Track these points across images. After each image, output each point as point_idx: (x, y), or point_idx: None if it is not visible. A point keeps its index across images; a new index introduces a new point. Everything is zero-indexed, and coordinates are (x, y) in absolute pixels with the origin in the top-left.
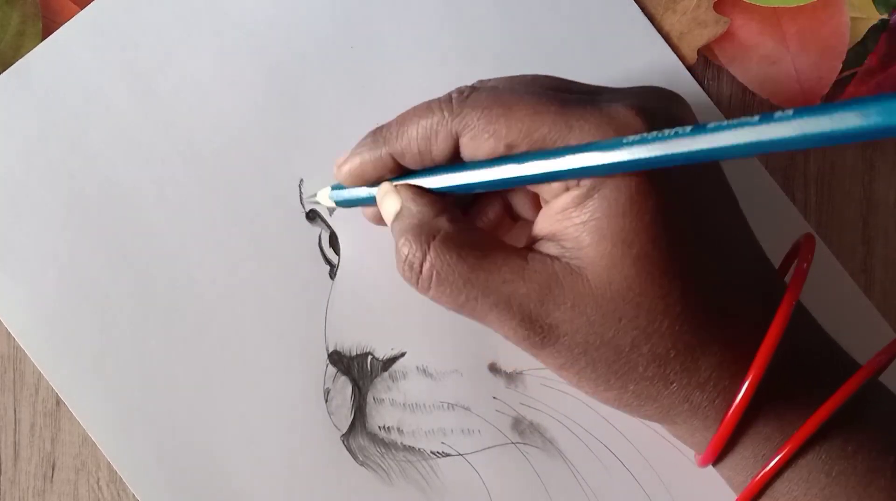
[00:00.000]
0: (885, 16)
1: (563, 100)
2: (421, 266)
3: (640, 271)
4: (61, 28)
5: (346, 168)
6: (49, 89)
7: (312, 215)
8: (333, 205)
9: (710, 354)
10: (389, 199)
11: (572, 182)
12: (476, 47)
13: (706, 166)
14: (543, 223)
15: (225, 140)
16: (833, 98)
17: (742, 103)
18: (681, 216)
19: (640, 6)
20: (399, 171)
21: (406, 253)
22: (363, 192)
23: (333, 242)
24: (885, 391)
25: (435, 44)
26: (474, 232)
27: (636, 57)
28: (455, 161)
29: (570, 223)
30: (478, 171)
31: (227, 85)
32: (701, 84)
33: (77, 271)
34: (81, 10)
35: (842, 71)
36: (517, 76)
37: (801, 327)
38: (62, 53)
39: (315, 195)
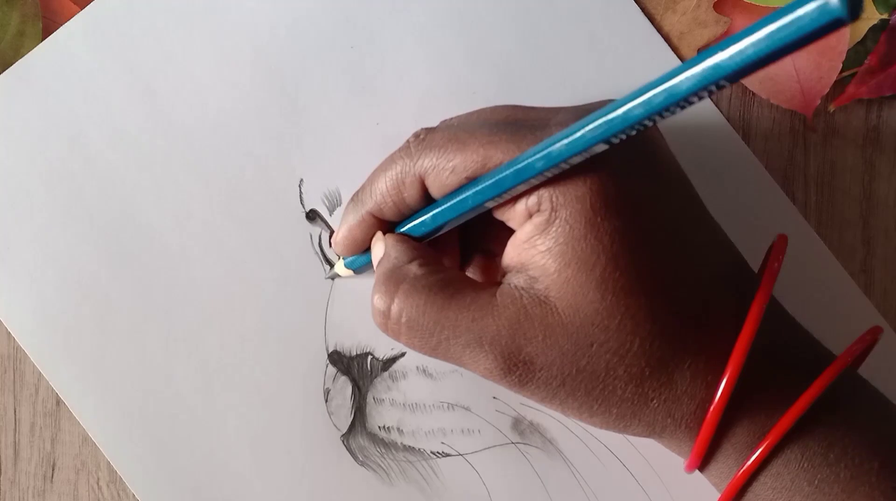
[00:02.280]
0: (885, 16)
1: (515, 129)
2: (390, 311)
3: (605, 294)
4: (61, 28)
5: (339, 238)
6: (49, 89)
7: (312, 215)
8: (352, 272)
9: (683, 366)
10: (377, 247)
11: (533, 207)
12: (476, 47)
13: (668, 175)
14: (511, 254)
15: (225, 140)
16: (833, 98)
17: (742, 103)
18: (642, 232)
19: (640, 6)
20: (386, 226)
21: (375, 299)
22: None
23: None
24: (870, 391)
25: (435, 44)
26: (443, 273)
27: (636, 57)
28: (430, 203)
29: (536, 251)
30: (443, 205)
31: (227, 85)
32: None
33: (77, 272)
34: (81, 10)
35: (842, 71)
36: (475, 111)
37: (777, 327)
38: (62, 53)
39: (333, 269)
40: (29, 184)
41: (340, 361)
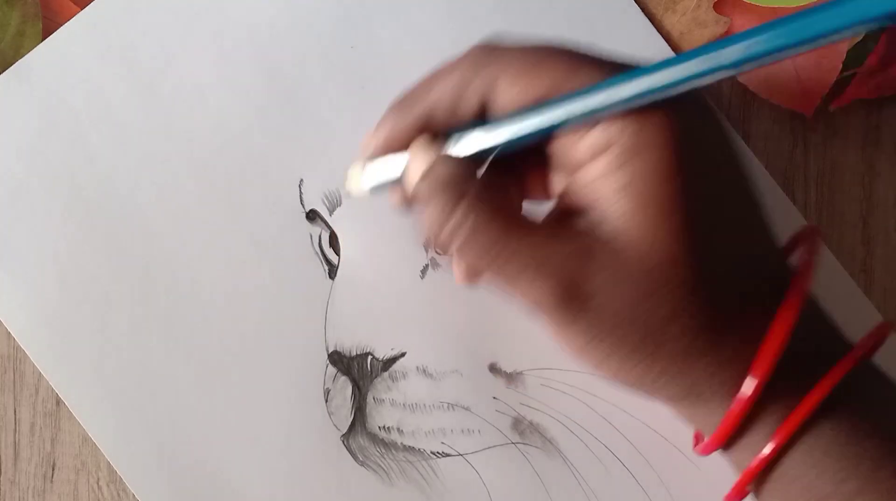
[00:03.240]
0: None
1: (599, 58)
2: (454, 212)
3: (681, 244)
4: (61, 28)
5: (376, 139)
6: (49, 89)
7: (312, 215)
8: (366, 193)
9: (732, 333)
10: (421, 155)
11: (601, 146)
12: None
13: (732, 150)
14: (577, 192)
15: (225, 140)
16: (833, 98)
17: (742, 103)
18: (714, 196)
19: (640, 6)
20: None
21: (434, 206)
22: (394, 163)
23: (333, 242)
24: (885, 376)
25: (435, 44)
26: (508, 197)
27: (636, 57)
28: (480, 120)
29: (609, 189)
30: (510, 122)
31: (227, 85)
32: None
33: (77, 271)
34: (81, 10)
35: (842, 71)
36: (528, 40)
37: (806, 313)
38: (62, 53)
39: (348, 181)
40: (29, 184)
41: (340, 361)
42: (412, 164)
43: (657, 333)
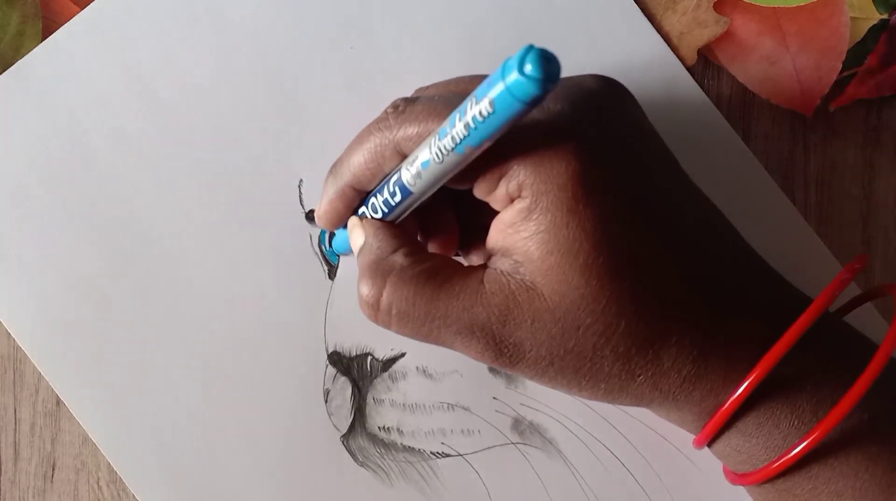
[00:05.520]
0: (885, 16)
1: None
2: (379, 304)
3: (589, 280)
4: (61, 28)
5: (321, 212)
6: (49, 89)
7: (312, 216)
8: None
9: (669, 344)
10: (355, 233)
11: (514, 192)
12: (475, 47)
13: (651, 153)
14: (496, 237)
15: (225, 140)
16: (833, 98)
17: (742, 103)
18: (625, 215)
19: (640, 6)
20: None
21: (363, 291)
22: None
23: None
24: (839, 330)
25: (434, 44)
26: (430, 261)
27: (636, 57)
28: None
29: (519, 238)
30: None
31: (227, 85)
32: (701, 84)
33: (77, 271)
34: (81, 10)
35: (842, 71)
36: (454, 80)
37: (748, 278)
38: (62, 53)
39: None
40: (29, 184)
41: (340, 361)
42: (352, 238)
43: (592, 360)
